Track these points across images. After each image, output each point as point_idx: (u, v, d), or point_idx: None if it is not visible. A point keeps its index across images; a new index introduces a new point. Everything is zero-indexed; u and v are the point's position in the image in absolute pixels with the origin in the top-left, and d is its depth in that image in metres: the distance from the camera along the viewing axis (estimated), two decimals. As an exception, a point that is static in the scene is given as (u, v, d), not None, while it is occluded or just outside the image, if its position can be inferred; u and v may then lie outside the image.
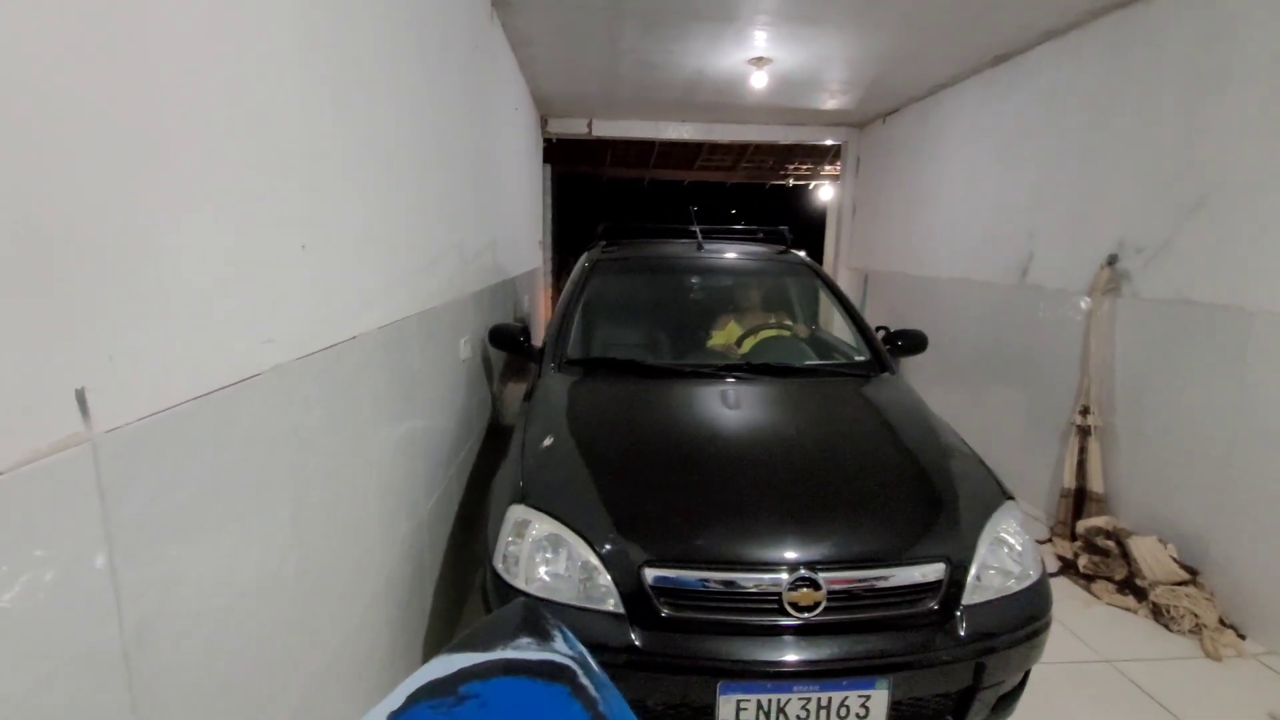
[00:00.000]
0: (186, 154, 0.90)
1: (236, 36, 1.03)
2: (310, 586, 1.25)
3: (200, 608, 0.91)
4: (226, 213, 0.99)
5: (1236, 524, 2.62)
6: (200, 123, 0.93)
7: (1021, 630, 1.65)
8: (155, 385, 0.83)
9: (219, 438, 0.96)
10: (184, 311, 0.89)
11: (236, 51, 1.03)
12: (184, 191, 0.89)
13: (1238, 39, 2.65)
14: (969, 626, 1.62)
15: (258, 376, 1.07)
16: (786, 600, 1.58)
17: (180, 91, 0.89)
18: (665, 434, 2.12)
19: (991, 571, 1.71)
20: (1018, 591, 1.70)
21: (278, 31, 1.15)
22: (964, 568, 1.67)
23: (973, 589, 1.66)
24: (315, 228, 1.30)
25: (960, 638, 1.60)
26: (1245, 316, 2.59)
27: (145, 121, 0.82)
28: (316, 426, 1.29)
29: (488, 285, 3.39)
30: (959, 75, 4.67)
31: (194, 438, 0.90)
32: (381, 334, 1.67)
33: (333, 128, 1.38)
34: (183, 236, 0.89)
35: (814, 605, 1.58)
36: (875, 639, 1.58)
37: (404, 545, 1.88)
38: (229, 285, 1.00)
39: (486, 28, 3.36)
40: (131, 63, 0.79)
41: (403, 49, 1.89)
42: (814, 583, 1.58)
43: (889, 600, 1.63)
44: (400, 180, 1.88)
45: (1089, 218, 3.46)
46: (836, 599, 1.60)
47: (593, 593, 1.61)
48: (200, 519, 0.91)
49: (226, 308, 0.99)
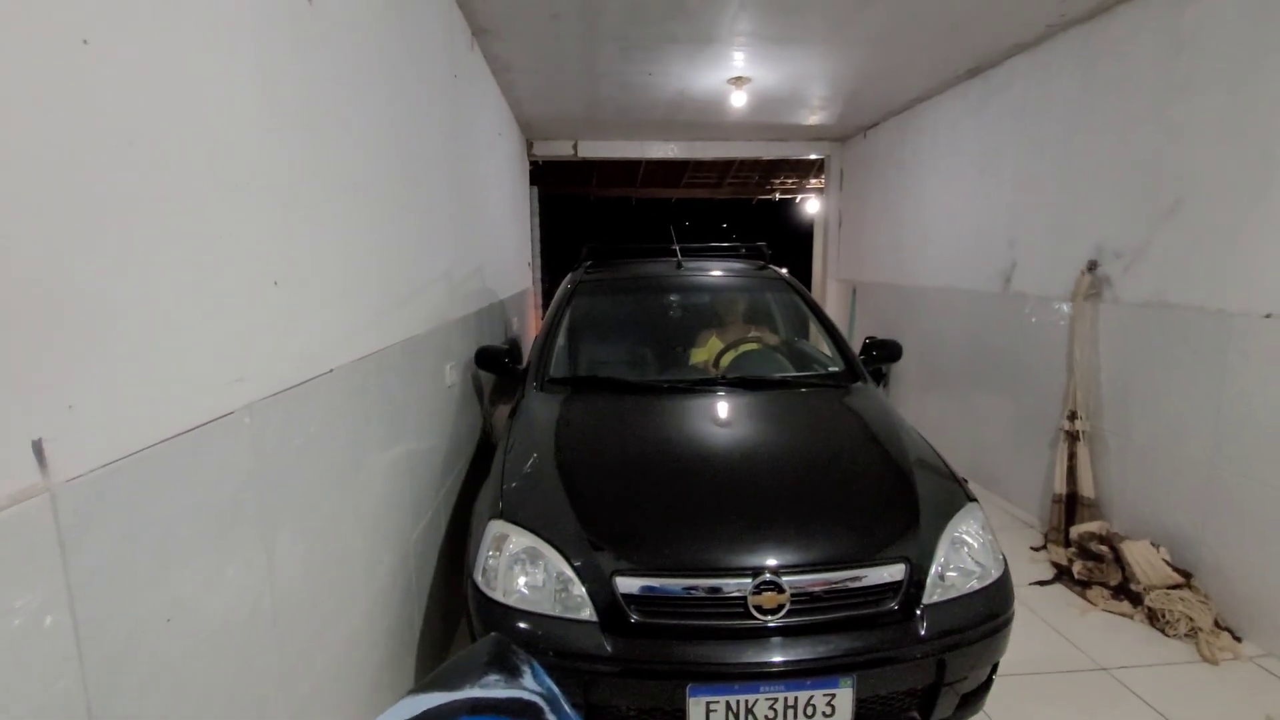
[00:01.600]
0: (144, 197, 0.91)
1: (193, 79, 1.04)
2: (288, 624, 1.24)
3: (168, 652, 0.90)
4: (189, 254, 1.00)
5: (1226, 525, 2.62)
6: (157, 166, 0.94)
7: (981, 627, 1.71)
8: (117, 431, 0.83)
9: (187, 479, 0.96)
10: (146, 355, 0.89)
11: (194, 93, 1.04)
12: (143, 235, 0.90)
13: (1200, 46, 2.71)
14: (930, 625, 1.67)
15: (229, 416, 1.08)
16: (751, 604, 1.63)
17: (135, 135, 0.89)
18: (639, 448, 2.19)
19: (953, 571, 1.77)
20: (978, 590, 1.76)
21: (239, 71, 1.17)
22: (924, 568, 1.73)
23: (933, 589, 1.72)
24: (287, 264, 1.31)
25: (921, 636, 1.65)
26: (1224, 318, 2.62)
27: (98, 166, 0.82)
28: (292, 462, 1.29)
29: (475, 310, 3.41)
30: (935, 89, 4.74)
31: (159, 481, 0.90)
32: (360, 365, 1.67)
33: (302, 164, 1.40)
34: (143, 280, 0.90)
35: (778, 608, 1.63)
36: (838, 639, 1.63)
37: (390, 574, 1.87)
38: (195, 326, 1.00)
39: (467, 56, 3.40)
40: (81, 104, 0.80)
41: (376, 81, 1.92)
42: (777, 586, 1.64)
43: (851, 601, 1.69)
44: (378, 212, 1.89)
45: (1068, 225, 3.51)
46: (800, 601, 1.65)
47: (568, 603, 1.67)
48: (167, 562, 0.91)
49: (192, 349, 1.00)
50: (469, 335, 3.17)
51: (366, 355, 1.73)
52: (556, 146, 6.74)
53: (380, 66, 1.98)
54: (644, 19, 3.31)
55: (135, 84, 0.90)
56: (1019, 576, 3.11)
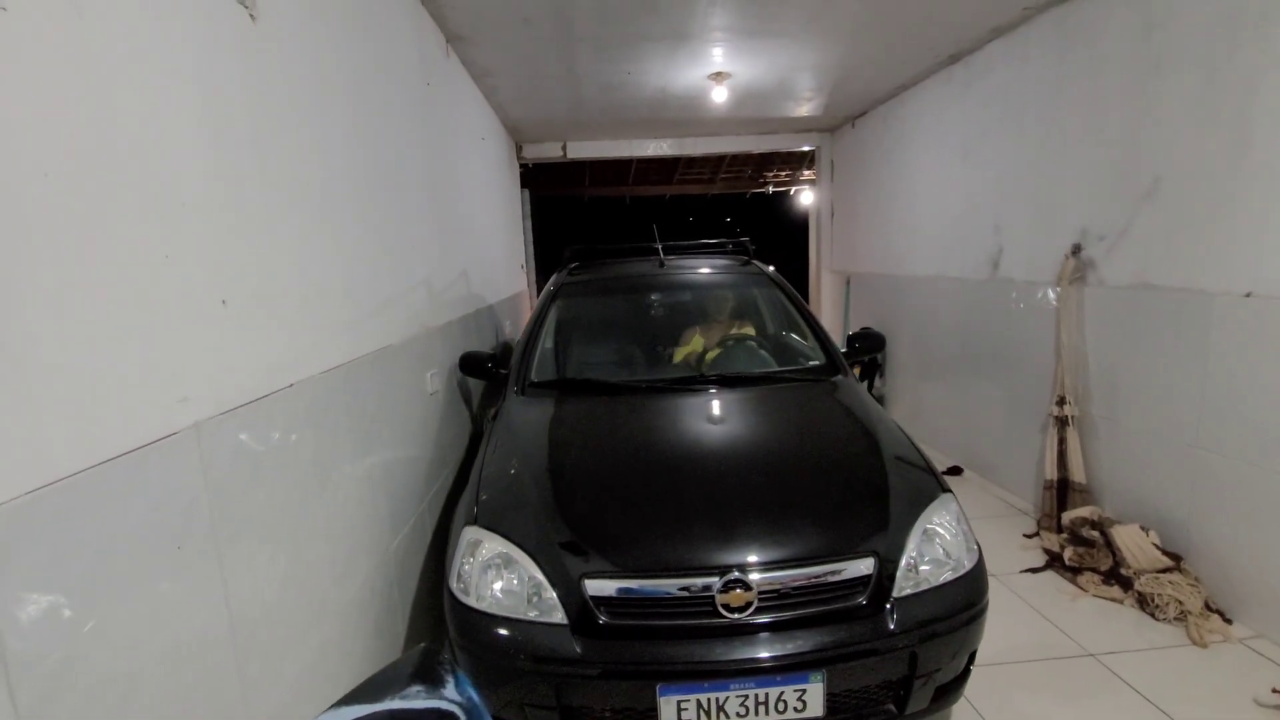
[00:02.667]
0: (69, 221, 0.92)
1: (125, 101, 1.05)
2: (247, 640, 1.25)
3: (106, 677, 0.91)
4: (124, 276, 1.01)
5: (1212, 507, 2.60)
6: (83, 188, 0.95)
7: (953, 619, 1.71)
8: (42, 459, 0.84)
9: (125, 502, 0.97)
10: (76, 381, 0.91)
11: (126, 115, 1.05)
12: (71, 258, 0.91)
13: (1172, 26, 2.68)
14: (899, 618, 1.68)
15: (172, 436, 1.09)
16: (719, 602, 1.64)
17: (58, 158, 0.90)
18: (614, 450, 2.20)
19: (925, 565, 1.77)
20: (950, 581, 1.76)
21: (176, 91, 1.18)
22: (894, 562, 1.74)
23: (904, 581, 1.73)
24: (237, 281, 1.32)
25: (890, 630, 1.66)
26: (1206, 298, 2.59)
27: (17, 191, 0.84)
28: (248, 478, 1.30)
29: (459, 315, 3.42)
30: (919, 75, 4.71)
31: (93, 505, 0.91)
32: (326, 378, 1.68)
33: (253, 180, 1.41)
34: (72, 305, 0.91)
35: (746, 605, 1.64)
36: (808, 635, 1.64)
37: (367, 584, 1.89)
38: (131, 349, 1.02)
39: (442, 63, 3.41)
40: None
41: (338, 93, 1.92)
42: (744, 584, 1.65)
43: (820, 596, 1.69)
44: (343, 223, 1.90)
45: (1051, 208, 3.48)
46: (768, 598, 1.66)
47: (541, 607, 1.68)
48: (104, 584, 0.92)
49: (129, 372, 1.01)
50: (453, 341, 3.19)
51: (333, 368, 1.74)
52: (545, 149, 6.74)
53: (342, 77, 1.98)
54: (615, 18, 3.30)
55: (57, 106, 0.91)
56: (1011, 564, 3.12)
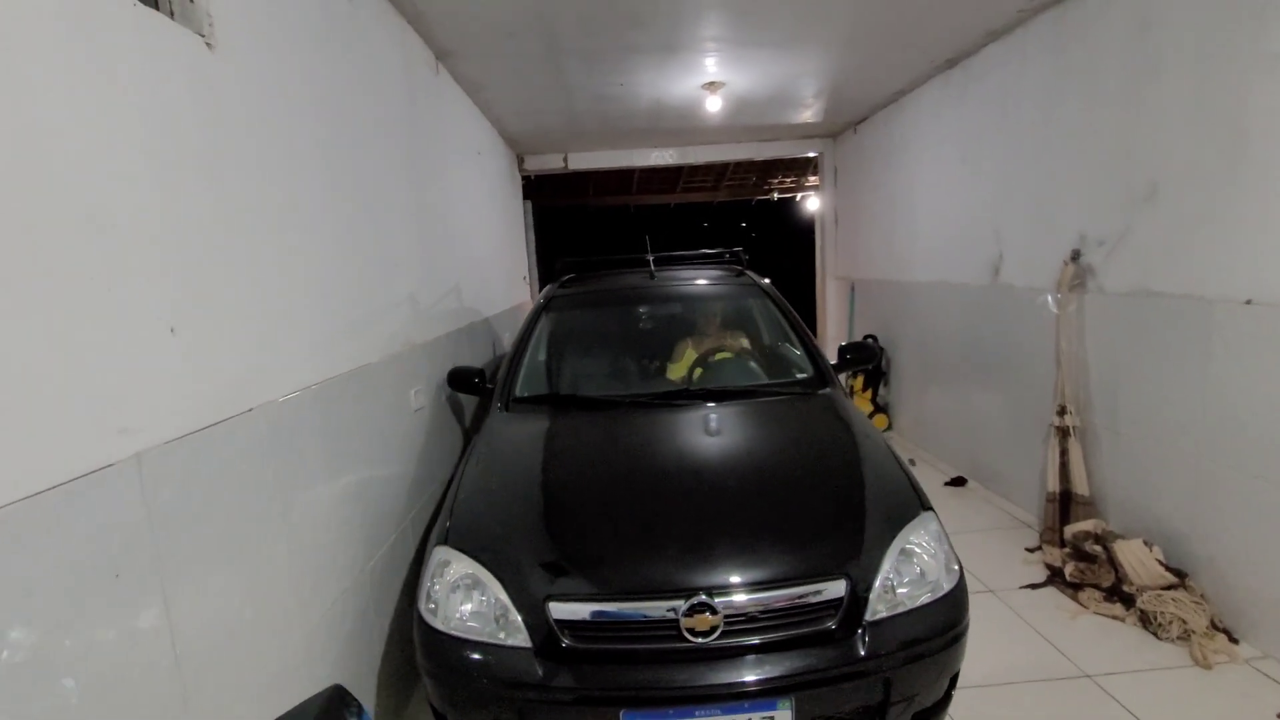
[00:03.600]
0: (2, 254, 0.92)
1: (68, 130, 1.05)
2: (195, 672, 1.24)
3: (39, 713, 0.90)
4: (57, 307, 1.01)
5: (1216, 521, 2.51)
6: (22, 224, 0.95)
7: (930, 642, 1.65)
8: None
9: (55, 536, 0.97)
10: (1, 415, 0.90)
11: (66, 147, 1.05)
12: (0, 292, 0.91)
13: (1167, 26, 2.61)
14: (872, 642, 1.62)
15: (110, 467, 1.08)
16: (683, 626, 1.60)
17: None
18: (589, 469, 2.17)
19: (903, 587, 1.72)
20: (927, 604, 1.70)
21: (123, 121, 1.17)
22: (867, 584, 1.68)
23: (877, 604, 1.67)
24: (188, 309, 1.32)
25: (861, 655, 1.60)
26: (1205, 305, 2.51)
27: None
28: (199, 506, 1.29)
29: (449, 330, 3.42)
30: (917, 80, 4.66)
31: (17, 540, 0.91)
32: (292, 401, 1.68)
33: (209, 207, 1.41)
34: (3, 341, 0.91)
35: (711, 630, 1.60)
36: (775, 660, 1.59)
37: (337, 605, 1.87)
38: (64, 381, 1.01)
39: (430, 78, 3.43)
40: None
41: (308, 115, 1.93)
42: (710, 608, 1.60)
43: (789, 621, 1.64)
44: (313, 245, 1.90)
45: (1050, 213, 3.40)
46: (734, 622, 1.62)
47: (506, 630, 1.66)
48: (30, 619, 0.91)
49: (63, 404, 1.01)
50: (441, 357, 3.19)
51: (301, 389, 1.74)
52: (546, 160, 6.77)
53: (314, 97, 1.99)
54: (600, 31, 3.30)
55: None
56: (1011, 580, 3.04)
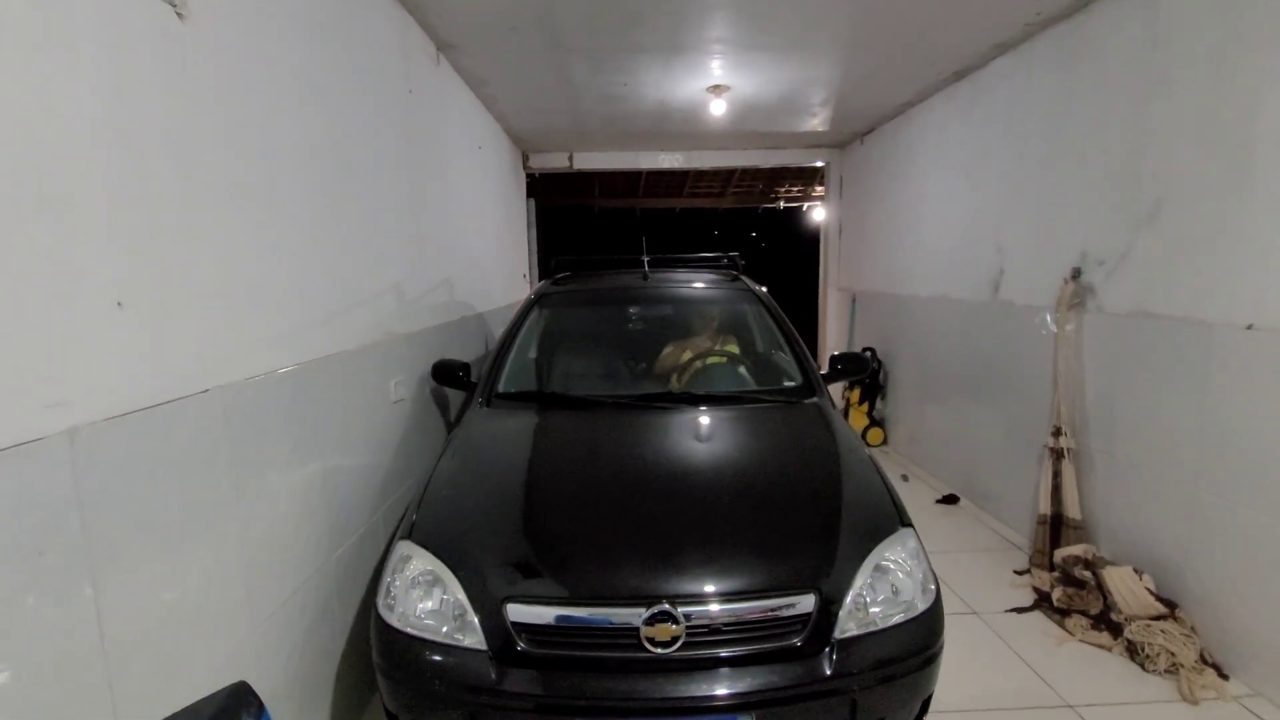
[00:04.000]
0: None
1: (11, 90, 1.01)
2: (123, 661, 1.19)
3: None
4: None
5: (1210, 552, 2.43)
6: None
7: (901, 664, 1.59)
8: None
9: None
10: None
11: (8, 106, 1.01)
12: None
13: (1175, 43, 2.55)
14: (839, 661, 1.56)
15: (38, 441, 1.04)
16: (644, 635, 1.55)
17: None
18: (564, 470, 2.12)
19: (876, 606, 1.65)
20: (900, 624, 1.64)
21: (74, 85, 1.13)
22: (838, 600, 1.62)
23: (847, 621, 1.61)
24: (140, 283, 1.27)
25: (826, 674, 1.54)
26: (1205, 329, 2.45)
27: None
28: (138, 486, 1.25)
29: (436, 324, 3.38)
30: (924, 92, 4.61)
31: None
32: (252, 384, 1.63)
33: (169, 182, 1.37)
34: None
35: (673, 640, 1.54)
36: (738, 675, 1.53)
37: (296, 596, 1.82)
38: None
39: (430, 70, 3.40)
40: None
41: (289, 95, 1.89)
42: (673, 617, 1.55)
43: (753, 635, 1.59)
44: (287, 227, 1.86)
45: (1052, 230, 3.34)
46: (697, 634, 1.56)
47: (462, 630, 1.60)
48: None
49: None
50: (425, 350, 3.14)
51: (265, 373, 1.69)
52: (551, 159, 6.74)
53: (300, 79, 1.95)
54: (604, 30, 3.26)
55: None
56: (998, 603, 2.97)
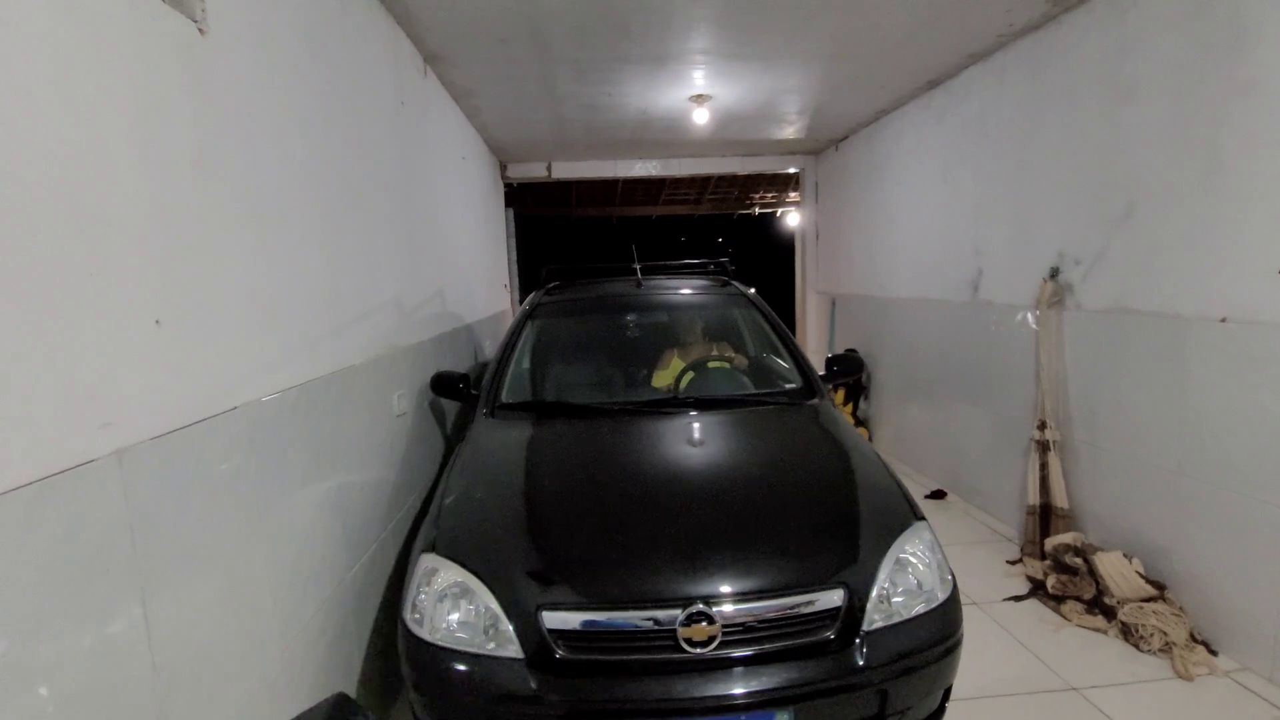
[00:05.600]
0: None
1: (50, 111, 1.00)
2: (172, 679, 1.17)
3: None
4: (37, 295, 0.95)
5: (1195, 535, 2.56)
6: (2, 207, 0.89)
7: (926, 653, 1.65)
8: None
9: (26, 534, 0.90)
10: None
11: (49, 129, 0.99)
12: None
13: (1143, 52, 2.70)
14: (870, 653, 1.61)
15: (91, 463, 1.02)
16: (681, 636, 1.56)
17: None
18: (581, 476, 2.14)
19: (898, 596, 1.71)
20: (923, 614, 1.70)
21: (109, 104, 1.12)
22: (864, 593, 1.67)
23: (874, 614, 1.66)
24: (174, 301, 1.26)
25: (859, 666, 1.59)
26: (1182, 323, 2.58)
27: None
28: (180, 507, 1.23)
29: (433, 335, 3.36)
30: (899, 100, 4.76)
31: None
32: (275, 401, 1.62)
33: (195, 198, 1.35)
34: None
35: (709, 640, 1.57)
36: (773, 671, 1.56)
37: (317, 615, 1.80)
38: (45, 372, 0.95)
39: (418, 83, 3.39)
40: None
41: (297, 110, 1.88)
42: (708, 617, 1.57)
43: (786, 631, 1.62)
44: (298, 243, 1.84)
45: (1029, 232, 3.48)
46: (732, 632, 1.59)
47: (496, 639, 1.60)
48: (3, 622, 0.85)
49: (41, 396, 0.94)
50: (423, 362, 3.12)
51: (284, 390, 1.67)
52: (530, 169, 6.75)
53: (305, 93, 1.95)
54: (591, 41, 3.30)
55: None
56: (993, 592, 3.06)
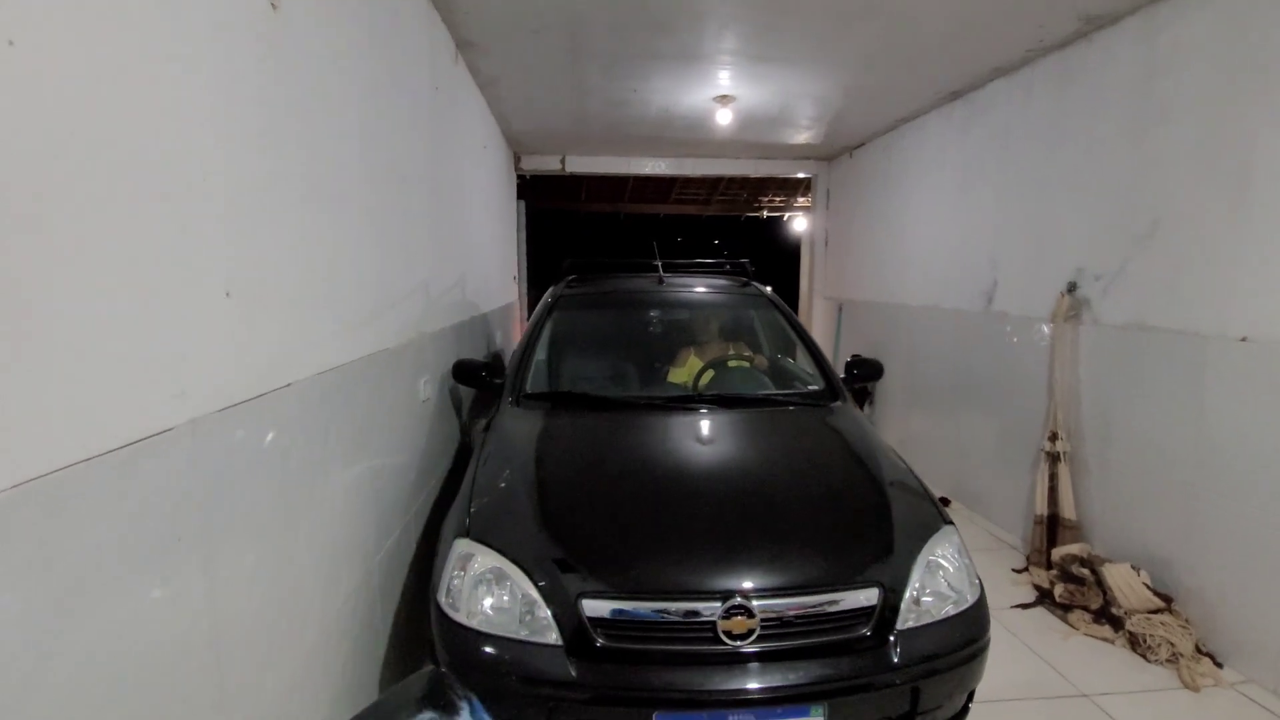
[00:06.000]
0: (79, 197, 0.86)
1: (142, 79, 1.00)
2: (229, 651, 1.18)
3: (78, 687, 0.84)
4: (129, 258, 0.95)
5: (1205, 549, 2.61)
6: (97, 165, 0.89)
7: (956, 654, 1.67)
8: (31, 450, 0.78)
9: (114, 500, 0.91)
10: (70, 368, 0.84)
11: (144, 94, 1.00)
12: (76, 237, 0.86)
13: (1173, 76, 2.74)
14: (903, 651, 1.63)
15: (167, 432, 1.02)
16: (720, 629, 1.58)
17: (70, 132, 0.85)
18: (613, 467, 2.14)
19: (928, 597, 1.74)
20: (953, 615, 1.72)
21: (194, 72, 1.13)
22: (898, 593, 1.69)
23: (907, 614, 1.68)
24: (242, 273, 1.26)
25: (894, 663, 1.61)
26: (1200, 341, 2.62)
27: (23, 159, 0.78)
28: (239, 480, 1.23)
29: (454, 323, 3.36)
30: (919, 110, 4.79)
31: (80, 502, 0.85)
32: (322, 380, 1.62)
33: (264, 169, 1.36)
34: (73, 288, 0.85)
35: (748, 633, 1.59)
36: (810, 666, 1.58)
37: (350, 596, 1.80)
38: (131, 336, 0.96)
39: (450, 69, 3.39)
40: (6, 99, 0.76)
41: (350, 88, 1.88)
42: (747, 610, 1.59)
43: (823, 627, 1.64)
44: (348, 221, 1.85)
45: (1048, 246, 3.52)
46: (770, 626, 1.61)
47: (533, 626, 1.61)
48: (84, 590, 0.85)
49: (127, 361, 0.95)
50: (446, 348, 3.12)
51: (330, 369, 1.68)
52: (544, 161, 6.74)
53: (356, 74, 1.95)
54: (627, 35, 3.31)
55: (71, 80, 0.86)
56: (1001, 599, 3.10)
